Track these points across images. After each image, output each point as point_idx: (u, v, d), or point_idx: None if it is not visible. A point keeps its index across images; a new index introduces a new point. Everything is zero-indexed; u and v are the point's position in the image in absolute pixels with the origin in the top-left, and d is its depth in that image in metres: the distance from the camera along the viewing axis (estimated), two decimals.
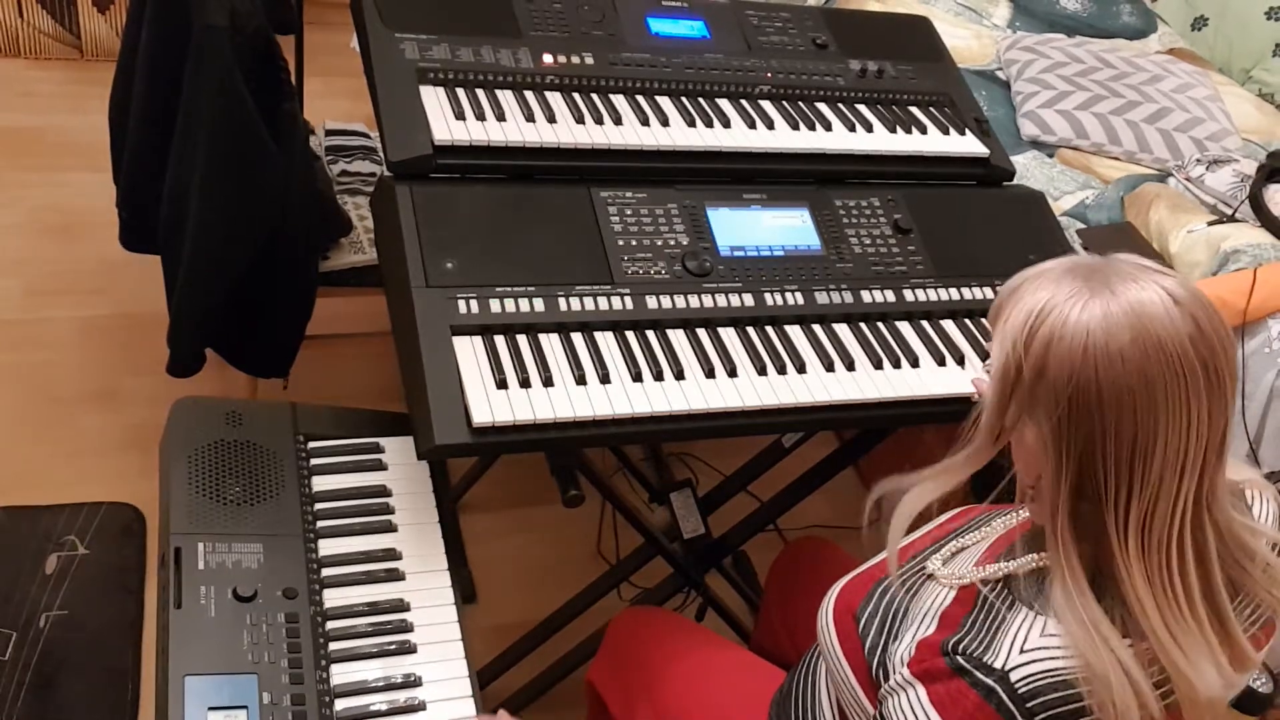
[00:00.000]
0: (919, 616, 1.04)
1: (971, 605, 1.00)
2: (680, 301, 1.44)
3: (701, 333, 1.44)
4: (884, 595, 1.10)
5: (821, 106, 1.74)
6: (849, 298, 1.53)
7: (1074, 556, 0.91)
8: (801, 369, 1.42)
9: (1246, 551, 0.94)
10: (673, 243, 1.50)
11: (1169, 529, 0.89)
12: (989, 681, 0.91)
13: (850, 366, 1.45)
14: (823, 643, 1.15)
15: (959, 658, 0.94)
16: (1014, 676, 0.90)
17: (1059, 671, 0.90)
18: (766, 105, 1.70)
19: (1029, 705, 0.89)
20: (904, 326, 1.54)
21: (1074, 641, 0.89)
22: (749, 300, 1.48)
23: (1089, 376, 0.86)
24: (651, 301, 1.43)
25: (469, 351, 1.31)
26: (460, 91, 1.53)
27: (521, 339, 1.35)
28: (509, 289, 1.38)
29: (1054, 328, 0.88)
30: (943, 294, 1.59)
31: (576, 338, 1.38)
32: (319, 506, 1.33)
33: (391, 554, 1.32)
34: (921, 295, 1.58)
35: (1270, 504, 1.03)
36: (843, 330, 1.50)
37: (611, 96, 1.62)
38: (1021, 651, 0.92)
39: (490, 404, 1.26)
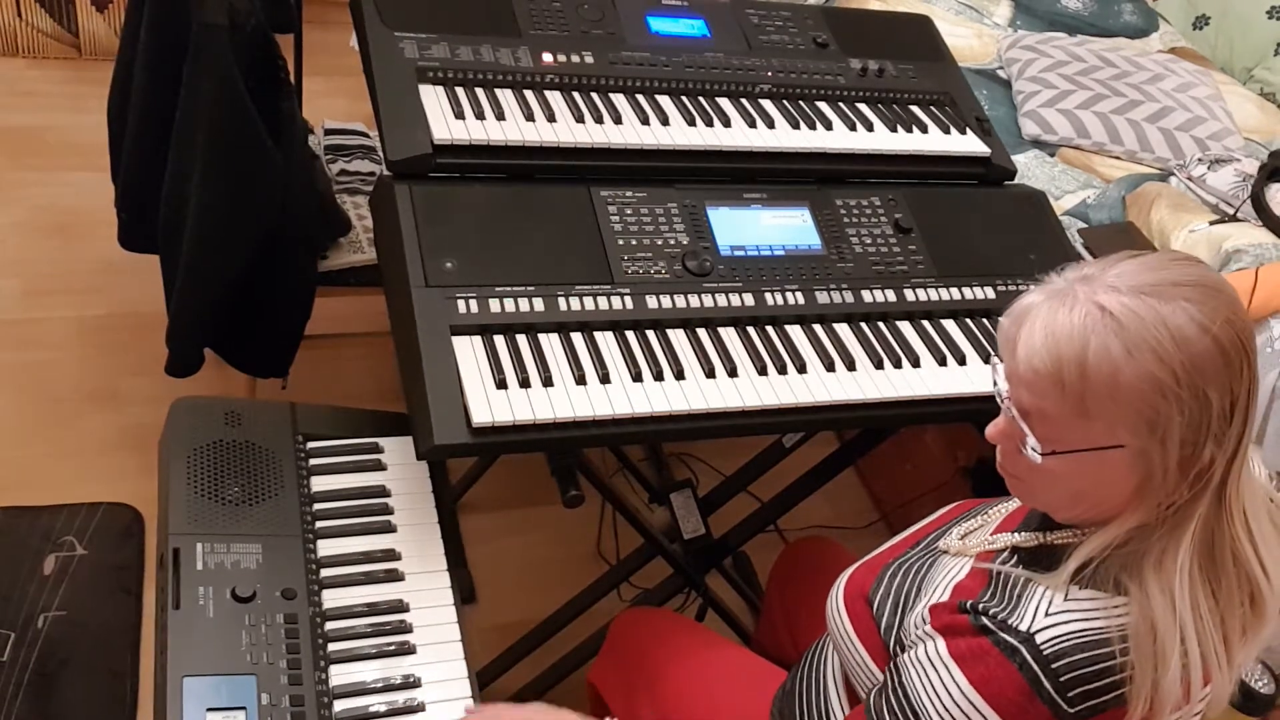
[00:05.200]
0: (931, 589, 1.04)
1: (987, 578, 1.01)
2: (680, 301, 1.44)
3: (701, 332, 1.43)
4: (895, 576, 1.11)
5: (822, 105, 1.73)
6: (850, 297, 1.53)
7: (1186, 534, 0.91)
8: (802, 369, 1.42)
9: None
10: (673, 242, 1.49)
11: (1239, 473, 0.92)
12: (1013, 642, 0.92)
13: (851, 366, 1.44)
14: (834, 628, 1.15)
15: (982, 619, 0.95)
16: (1040, 639, 0.91)
17: (1087, 633, 0.91)
18: (767, 104, 1.70)
19: (1054, 666, 0.90)
20: (905, 326, 1.54)
21: (1147, 608, 0.89)
22: (749, 300, 1.47)
23: (1169, 366, 0.86)
24: (651, 301, 1.43)
25: (468, 351, 1.31)
26: (460, 90, 1.53)
27: (521, 339, 1.34)
28: (509, 289, 1.37)
29: (1105, 339, 0.87)
30: (944, 293, 1.59)
31: (576, 338, 1.37)
32: (318, 507, 1.33)
33: (391, 554, 1.31)
34: (922, 295, 1.57)
35: (1261, 465, 1.05)
36: (843, 330, 1.50)
37: (611, 95, 1.61)
38: (1047, 615, 0.92)
39: (490, 404, 1.25)
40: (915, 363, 1.48)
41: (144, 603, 1.98)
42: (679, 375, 1.36)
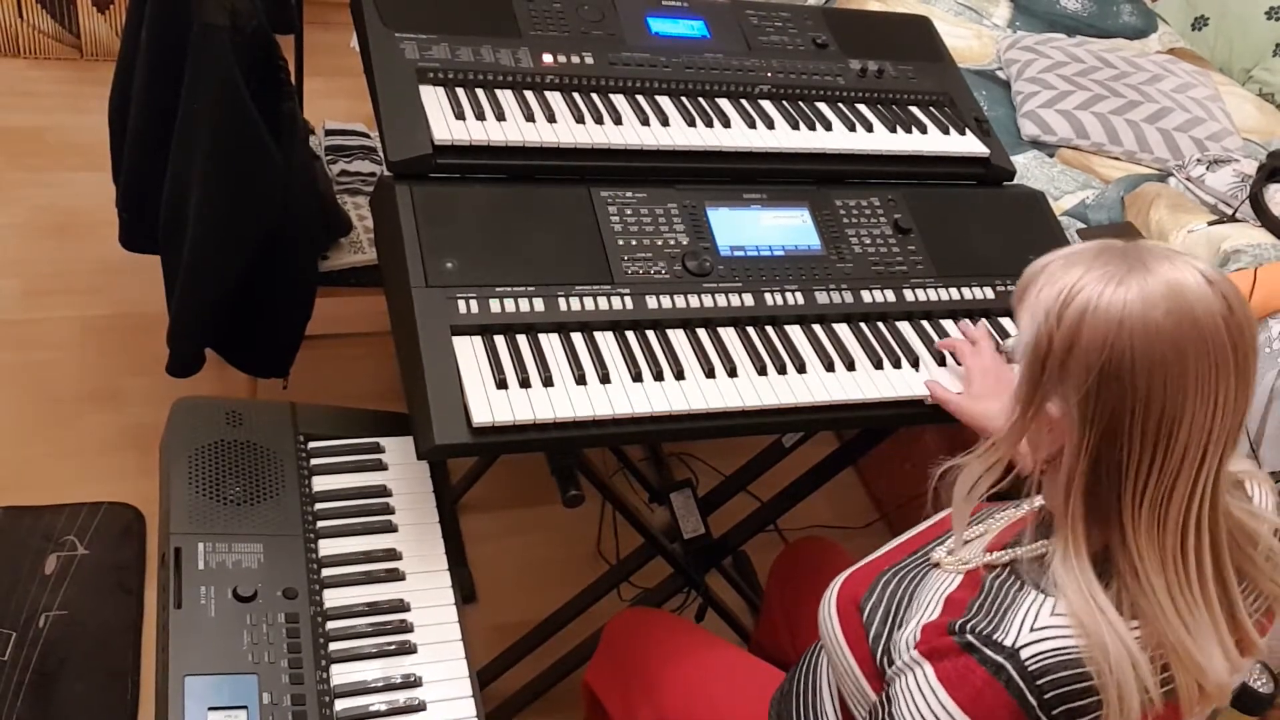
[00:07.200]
0: (924, 603, 1.04)
1: (977, 590, 1.00)
2: (680, 301, 1.44)
3: (701, 333, 1.44)
4: (888, 585, 1.10)
5: (821, 106, 1.74)
6: (849, 297, 1.53)
7: (1081, 532, 0.91)
8: (801, 369, 1.42)
9: (1250, 538, 0.96)
10: (673, 242, 1.50)
11: (1185, 509, 0.89)
12: (998, 659, 0.91)
13: (850, 366, 1.45)
14: (825, 634, 1.15)
15: (968, 635, 0.94)
16: (1024, 654, 0.90)
17: (1070, 650, 0.90)
18: (766, 105, 1.70)
19: (1039, 682, 0.89)
20: (904, 326, 1.54)
21: (1074, 613, 0.90)
22: (749, 300, 1.48)
23: (1123, 347, 0.86)
24: (651, 301, 1.43)
25: (469, 351, 1.31)
26: (460, 91, 1.53)
27: (521, 339, 1.35)
28: (509, 289, 1.37)
29: (1089, 299, 0.88)
30: (943, 294, 1.59)
31: (576, 338, 1.38)
32: (319, 506, 1.33)
33: (392, 554, 1.32)
34: (922, 295, 1.57)
35: (1269, 493, 1.04)
36: (843, 330, 1.50)
37: (611, 96, 1.62)
38: (1032, 630, 0.92)
39: (490, 404, 1.26)
40: (915, 363, 1.48)
41: (145, 602, 1.99)
42: (679, 375, 1.36)
